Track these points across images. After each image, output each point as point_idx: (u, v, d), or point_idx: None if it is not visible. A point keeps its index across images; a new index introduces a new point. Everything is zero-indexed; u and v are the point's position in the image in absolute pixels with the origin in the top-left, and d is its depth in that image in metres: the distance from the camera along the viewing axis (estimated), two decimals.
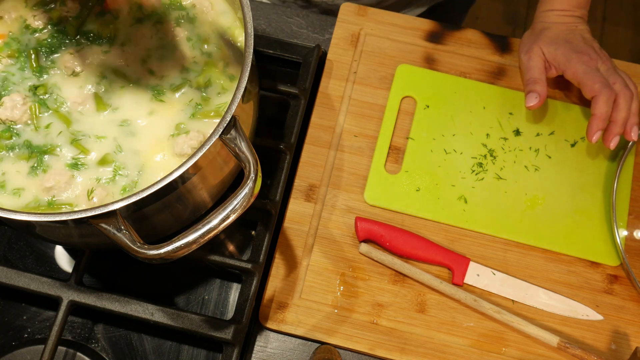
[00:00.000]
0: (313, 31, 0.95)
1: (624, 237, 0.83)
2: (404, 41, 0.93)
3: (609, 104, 0.80)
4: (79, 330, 0.82)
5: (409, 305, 0.81)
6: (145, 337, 0.81)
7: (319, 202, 0.85)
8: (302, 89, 0.87)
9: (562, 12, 0.87)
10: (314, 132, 0.88)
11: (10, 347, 0.79)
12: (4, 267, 0.77)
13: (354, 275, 0.82)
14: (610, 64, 0.84)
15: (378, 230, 0.81)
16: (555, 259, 0.83)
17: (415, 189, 0.85)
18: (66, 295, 0.76)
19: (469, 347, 0.79)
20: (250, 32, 0.70)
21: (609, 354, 0.79)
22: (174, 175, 0.64)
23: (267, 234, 0.80)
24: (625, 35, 2.17)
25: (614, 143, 0.82)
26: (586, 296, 0.81)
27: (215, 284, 0.84)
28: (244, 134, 0.66)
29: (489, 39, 0.93)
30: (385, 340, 0.79)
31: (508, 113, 0.88)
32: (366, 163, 0.87)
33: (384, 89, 0.90)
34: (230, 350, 0.76)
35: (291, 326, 0.80)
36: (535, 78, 0.84)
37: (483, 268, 0.82)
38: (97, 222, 0.63)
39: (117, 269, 0.85)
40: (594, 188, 0.85)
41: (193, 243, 0.61)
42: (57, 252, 0.86)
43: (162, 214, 0.71)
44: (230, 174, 0.76)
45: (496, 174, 0.86)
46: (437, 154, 0.87)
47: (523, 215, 0.84)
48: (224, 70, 0.78)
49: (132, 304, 0.76)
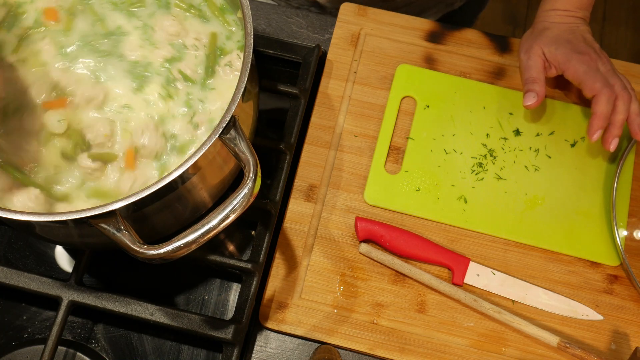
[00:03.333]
0: (313, 31, 0.95)
1: (624, 237, 0.83)
2: (404, 41, 0.93)
3: (609, 103, 0.80)
4: (79, 330, 0.82)
5: (409, 305, 0.81)
6: (145, 337, 0.81)
7: (319, 202, 0.85)
8: (302, 89, 0.87)
9: (564, 12, 0.87)
10: (314, 132, 0.88)
11: (10, 347, 0.79)
12: (4, 267, 0.77)
13: (354, 275, 0.82)
14: (610, 65, 0.84)
15: (378, 230, 0.81)
16: (555, 259, 0.83)
17: (415, 189, 0.85)
18: (66, 295, 0.76)
19: (469, 347, 0.79)
20: (250, 32, 0.70)
21: (609, 354, 0.79)
22: (174, 175, 0.64)
23: (267, 234, 0.80)
24: (625, 35, 2.17)
25: (614, 145, 0.81)
26: (586, 296, 0.81)
27: (215, 284, 0.84)
28: (243, 133, 0.66)
29: (489, 39, 0.93)
30: (385, 340, 0.79)
31: (508, 113, 0.88)
32: (366, 163, 0.87)
33: (384, 89, 0.90)
34: (230, 350, 0.76)
35: (291, 326, 0.80)
36: (534, 77, 0.84)
37: (483, 268, 0.82)
38: (97, 222, 0.63)
39: (117, 269, 0.85)
40: (594, 188, 0.85)
41: (193, 243, 0.61)
42: (57, 252, 0.86)
43: (162, 213, 0.71)
44: (230, 174, 0.76)
45: (496, 174, 0.86)
46: (437, 154, 0.87)
47: (523, 215, 0.84)
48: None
49: (132, 304, 0.77)
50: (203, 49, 0.77)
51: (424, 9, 1.07)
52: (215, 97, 0.76)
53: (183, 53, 0.77)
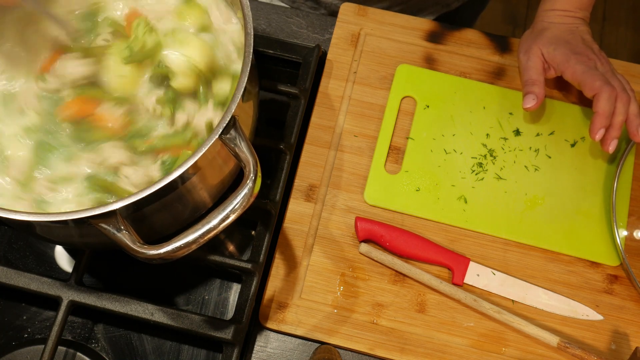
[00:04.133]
0: (313, 31, 0.95)
1: (624, 237, 0.83)
2: (404, 41, 0.93)
3: (611, 101, 0.80)
4: (79, 330, 0.82)
5: (409, 305, 0.81)
6: (145, 337, 0.81)
7: (319, 202, 0.85)
8: (302, 89, 0.87)
9: (563, 13, 0.87)
10: (314, 132, 0.88)
11: (10, 347, 0.79)
12: (4, 267, 0.77)
13: (354, 275, 0.82)
14: (608, 66, 0.84)
15: (378, 230, 0.81)
16: (555, 259, 0.83)
17: (415, 189, 0.85)
18: (66, 295, 0.76)
19: (469, 347, 0.79)
20: (250, 32, 0.70)
21: (609, 354, 0.79)
22: (174, 175, 0.64)
23: (267, 234, 0.80)
24: (625, 35, 2.17)
25: (613, 147, 0.81)
26: (586, 296, 0.81)
27: (215, 284, 0.84)
28: (243, 133, 0.66)
29: (489, 39, 0.93)
30: (385, 340, 0.79)
31: (508, 113, 0.88)
32: (366, 163, 0.87)
33: (384, 89, 0.90)
34: (230, 350, 0.76)
35: (291, 326, 0.80)
36: (534, 79, 0.84)
37: (483, 268, 0.82)
38: (97, 222, 0.63)
39: (117, 269, 0.85)
40: (594, 188, 0.85)
41: (193, 243, 0.61)
42: (57, 252, 0.86)
43: (162, 213, 0.71)
44: (230, 174, 0.76)
45: (496, 174, 0.86)
46: (437, 154, 0.87)
47: (523, 215, 0.84)
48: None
49: (132, 304, 0.77)
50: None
51: (420, 8, 1.07)
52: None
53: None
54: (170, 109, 0.76)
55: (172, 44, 0.78)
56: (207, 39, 0.78)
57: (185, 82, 0.76)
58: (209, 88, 0.76)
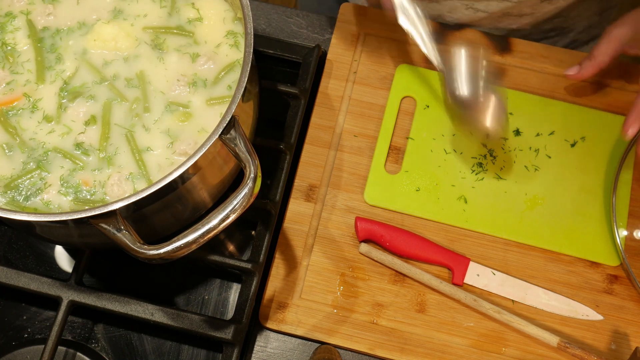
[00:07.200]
0: (313, 31, 0.95)
1: (624, 237, 0.83)
2: (404, 41, 0.93)
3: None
4: (79, 330, 0.82)
5: (409, 305, 0.81)
6: (145, 337, 0.81)
7: (319, 202, 0.85)
8: (302, 89, 0.87)
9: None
10: (314, 132, 0.88)
11: (10, 347, 0.79)
12: (4, 267, 0.77)
13: (354, 275, 0.82)
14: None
15: (378, 230, 0.81)
16: (555, 259, 0.83)
17: (415, 189, 0.85)
18: (66, 295, 0.76)
19: (469, 347, 0.79)
20: (250, 32, 0.70)
21: (609, 354, 0.79)
22: (174, 175, 0.64)
23: (267, 234, 0.80)
24: None
25: (632, 132, 0.78)
26: (586, 296, 0.81)
27: (215, 284, 0.84)
28: (243, 133, 0.66)
29: (489, 39, 0.93)
30: (385, 340, 0.79)
31: (508, 113, 0.88)
32: (366, 163, 0.87)
33: (384, 89, 0.90)
34: (230, 350, 0.76)
35: (291, 326, 0.80)
36: (594, 54, 0.82)
37: (483, 268, 0.82)
38: (97, 222, 0.63)
39: (117, 269, 0.85)
40: (594, 188, 0.85)
41: (193, 243, 0.61)
42: (57, 252, 0.86)
43: (162, 213, 0.71)
44: (230, 174, 0.76)
45: (496, 174, 0.86)
46: (437, 154, 0.87)
47: (523, 215, 0.84)
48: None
49: (132, 304, 0.77)
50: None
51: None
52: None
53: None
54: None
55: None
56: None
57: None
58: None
